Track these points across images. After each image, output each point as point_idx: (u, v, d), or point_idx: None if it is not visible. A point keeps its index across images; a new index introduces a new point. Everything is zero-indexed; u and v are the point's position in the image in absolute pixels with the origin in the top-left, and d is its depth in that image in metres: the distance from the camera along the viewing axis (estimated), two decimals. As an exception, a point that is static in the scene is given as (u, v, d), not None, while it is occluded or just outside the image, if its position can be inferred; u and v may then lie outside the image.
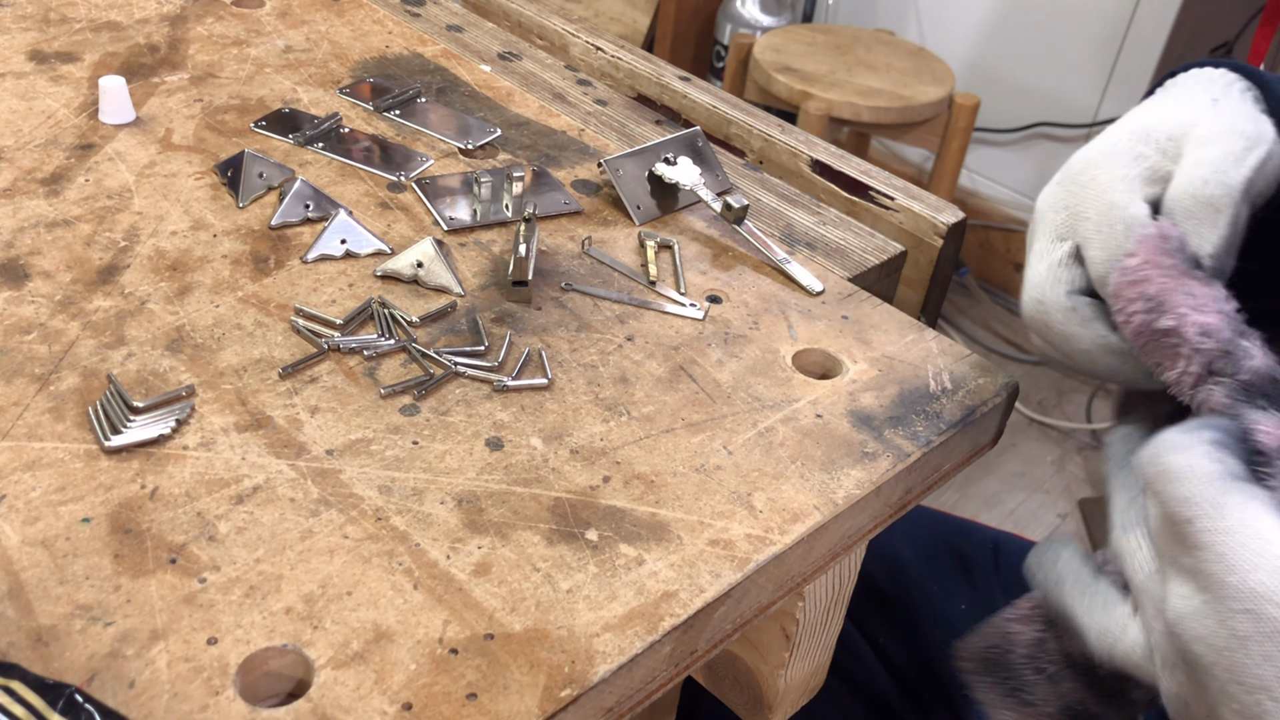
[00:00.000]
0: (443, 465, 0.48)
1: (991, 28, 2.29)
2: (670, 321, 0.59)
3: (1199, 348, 0.42)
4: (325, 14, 0.86)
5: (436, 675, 0.40)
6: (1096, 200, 0.46)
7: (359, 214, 0.64)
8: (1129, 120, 0.48)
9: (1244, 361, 0.42)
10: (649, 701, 0.44)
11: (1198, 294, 0.43)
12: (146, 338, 0.53)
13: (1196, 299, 0.43)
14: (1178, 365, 0.43)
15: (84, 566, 0.42)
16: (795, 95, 1.99)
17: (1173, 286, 0.43)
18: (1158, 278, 0.43)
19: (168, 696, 0.38)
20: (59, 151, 0.66)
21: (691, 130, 0.72)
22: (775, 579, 0.48)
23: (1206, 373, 0.42)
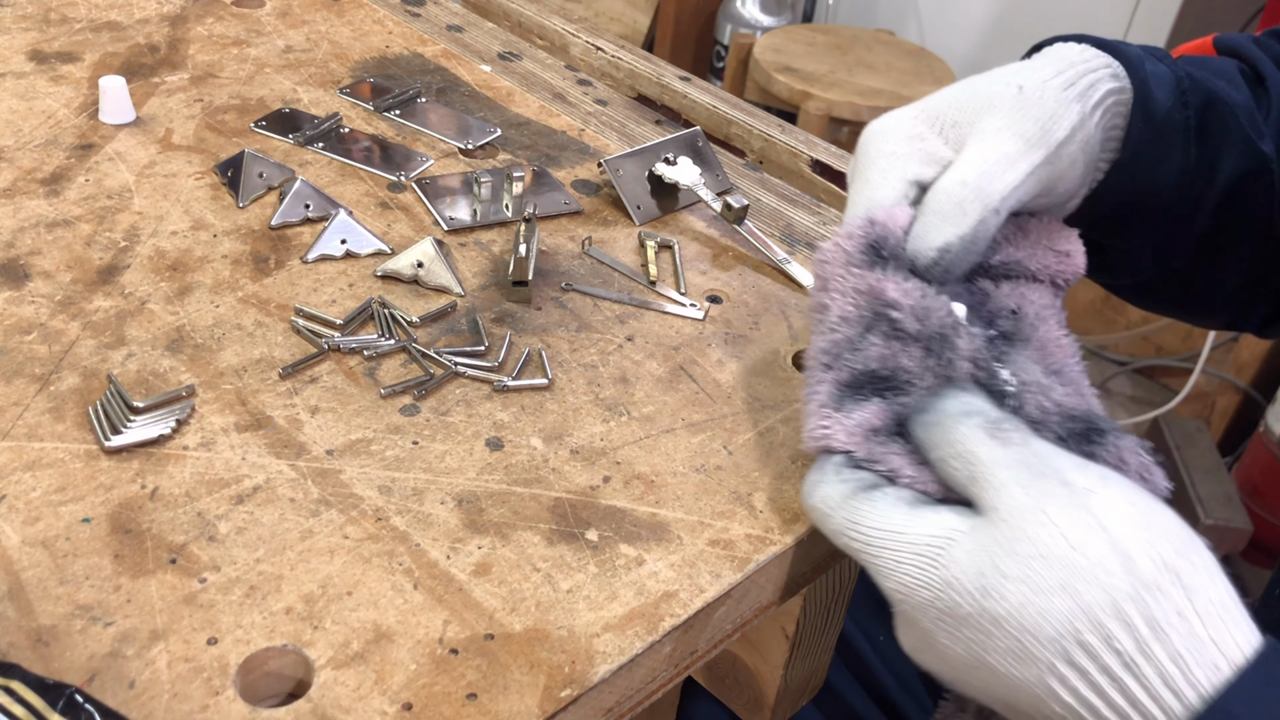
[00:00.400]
0: (443, 465, 0.48)
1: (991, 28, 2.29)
2: (670, 321, 0.59)
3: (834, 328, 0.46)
4: (325, 14, 0.86)
5: (436, 675, 0.40)
6: (860, 173, 0.48)
7: (359, 214, 0.64)
8: (932, 98, 0.49)
9: (855, 354, 0.45)
10: (649, 702, 0.44)
11: (847, 285, 0.45)
12: (146, 338, 0.53)
13: (843, 291, 0.45)
14: (821, 340, 0.46)
15: (84, 566, 0.42)
16: (795, 95, 1.99)
17: (839, 272, 0.46)
18: (834, 261, 0.46)
19: (168, 696, 0.38)
20: (59, 151, 0.66)
21: (691, 130, 0.72)
22: (775, 579, 0.48)
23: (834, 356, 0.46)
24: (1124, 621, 0.36)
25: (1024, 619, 0.37)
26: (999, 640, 0.38)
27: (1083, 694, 0.36)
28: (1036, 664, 0.37)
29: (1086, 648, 0.36)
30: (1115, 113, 0.51)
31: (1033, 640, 0.37)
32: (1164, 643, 0.36)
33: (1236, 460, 1.88)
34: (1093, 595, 0.36)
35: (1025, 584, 0.37)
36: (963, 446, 0.41)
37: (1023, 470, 0.39)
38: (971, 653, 0.39)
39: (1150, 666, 0.36)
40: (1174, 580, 0.36)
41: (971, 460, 0.41)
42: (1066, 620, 0.36)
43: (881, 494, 0.43)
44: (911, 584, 0.40)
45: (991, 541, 0.38)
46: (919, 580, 0.40)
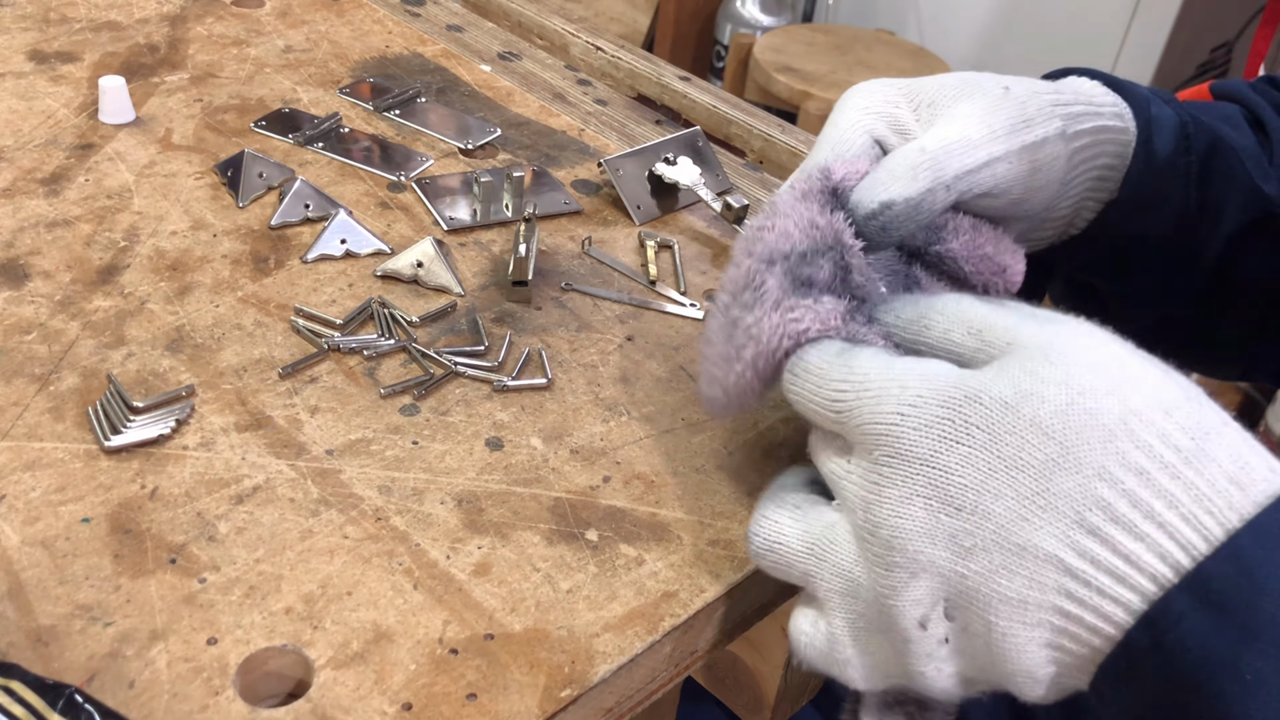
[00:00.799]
0: (443, 465, 0.48)
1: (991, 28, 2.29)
2: (670, 321, 0.59)
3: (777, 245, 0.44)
4: (325, 14, 0.86)
5: (436, 675, 0.40)
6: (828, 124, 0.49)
7: (359, 214, 0.64)
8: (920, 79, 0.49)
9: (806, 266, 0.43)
10: (649, 702, 0.44)
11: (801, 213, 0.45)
12: (146, 338, 0.53)
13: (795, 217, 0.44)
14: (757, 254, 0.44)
15: (84, 566, 0.42)
16: (795, 95, 1.99)
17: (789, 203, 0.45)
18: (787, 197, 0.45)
19: (167, 696, 0.38)
20: (59, 151, 0.66)
21: (691, 130, 0.72)
22: (775, 579, 0.48)
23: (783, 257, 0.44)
24: (1178, 421, 0.34)
25: (1070, 419, 0.34)
26: (1037, 449, 0.34)
27: (1140, 496, 0.33)
28: (1082, 470, 0.34)
29: (1143, 446, 0.33)
30: (1111, 152, 0.51)
31: (1079, 442, 0.34)
32: (1220, 442, 0.34)
33: (1236, 460, 1.88)
34: (1141, 399, 0.34)
35: (1069, 387, 0.34)
36: (956, 310, 0.40)
37: (1030, 318, 0.38)
38: (993, 476, 0.35)
39: (1211, 464, 0.33)
40: (1208, 401, 0.35)
41: (970, 319, 0.39)
42: (1119, 420, 0.34)
43: (872, 348, 0.40)
44: (921, 402, 0.36)
45: (1023, 358, 0.36)
46: (932, 398, 0.36)
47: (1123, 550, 0.33)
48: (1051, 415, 0.34)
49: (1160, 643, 0.32)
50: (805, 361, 0.41)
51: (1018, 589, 0.34)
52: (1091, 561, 0.33)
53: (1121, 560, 0.33)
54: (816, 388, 0.40)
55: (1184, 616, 0.32)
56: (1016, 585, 0.34)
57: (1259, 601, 0.31)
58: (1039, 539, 0.34)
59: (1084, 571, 0.34)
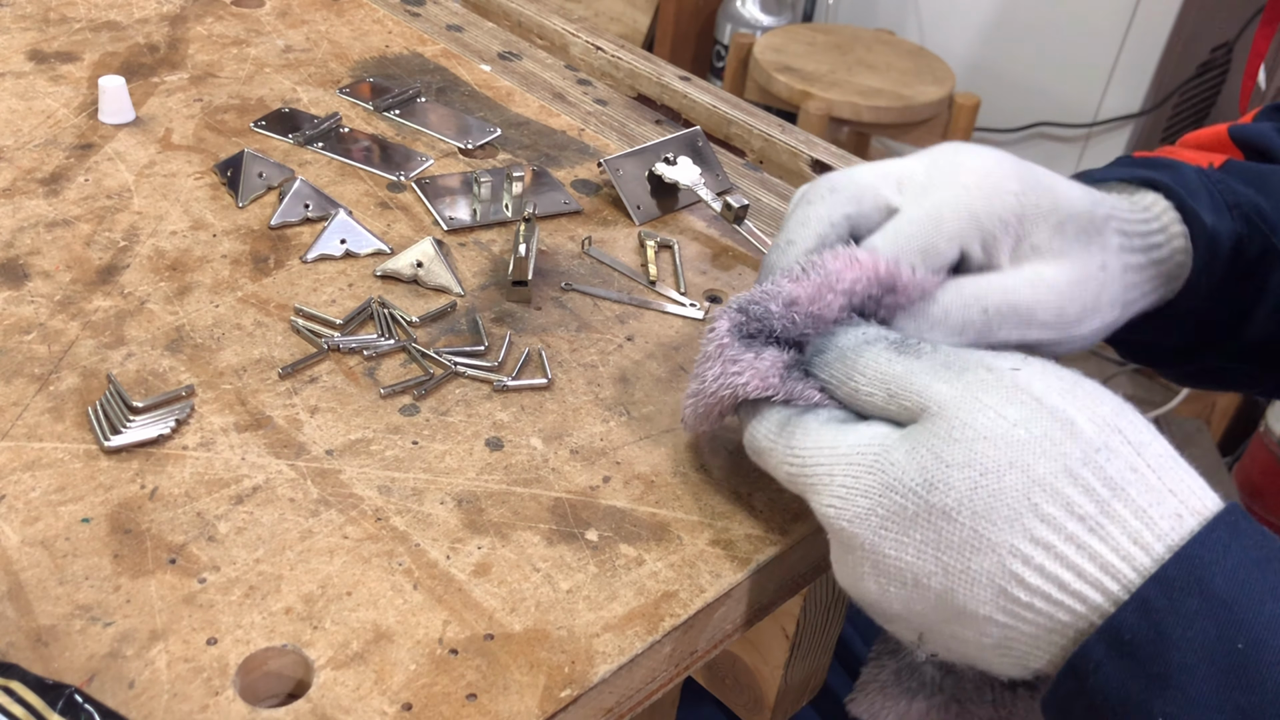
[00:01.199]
0: (443, 465, 0.48)
1: (991, 28, 2.29)
2: (670, 321, 0.59)
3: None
4: (325, 14, 0.86)
5: (436, 675, 0.40)
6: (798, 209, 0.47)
7: (359, 214, 0.64)
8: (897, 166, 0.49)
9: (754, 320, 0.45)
10: (649, 702, 0.44)
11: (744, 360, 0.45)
12: (146, 338, 0.53)
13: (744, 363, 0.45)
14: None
15: (84, 566, 0.42)
16: (795, 95, 1.99)
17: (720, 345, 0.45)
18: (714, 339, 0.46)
19: (167, 697, 0.38)
20: (59, 151, 0.66)
21: (691, 130, 0.72)
22: (775, 579, 0.48)
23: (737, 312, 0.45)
24: (1081, 485, 0.35)
25: (976, 504, 0.36)
26: (951, 534, 0.36)
27: (1049, 569, 0.35)
28: (995, 550, 0.36)
29: (1047, 519, 0.35)
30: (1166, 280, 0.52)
31: (988, 525, 0.36)
32: (1124, 499, 0.35)
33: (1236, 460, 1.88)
34: (1044, 466, 0.36)
35: (971, 468, 0.36)
36: (875, 370, 0.41)
37: (943, 370, 0.39)
38: (920, 558, 0.37)
39: (1115, 525, 0.35)
40: (1121, 438, 0.36)
41: (888, 379, 0.40)
42: (1022, 495, 0.35)
43: (813, 415, 0.42)
44: (848, 494, 0.39)
45: (930, 436, 0.38)
46: (856, 488, 0.39)
47: (1041, 610, 0.36)
48: (957, 503, 0.36)
49: (1083, 688, 0.35)
50: (754, 438, 0.44)
51: (970, 636, 0.38)
52: (1019, 619, 0.36)
53: (1043, 618, 0.36)
54: (773, 466, 0.43)
55: (1100, 665, 0.35)
56: (968, 635, 0.38)
57: (1166, 651, 0.34)
58: (974, 607, 0.37)
59: (1015, 626, 0.37)
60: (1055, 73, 2.21)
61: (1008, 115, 2.28)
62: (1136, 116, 2.13)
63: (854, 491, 0.39)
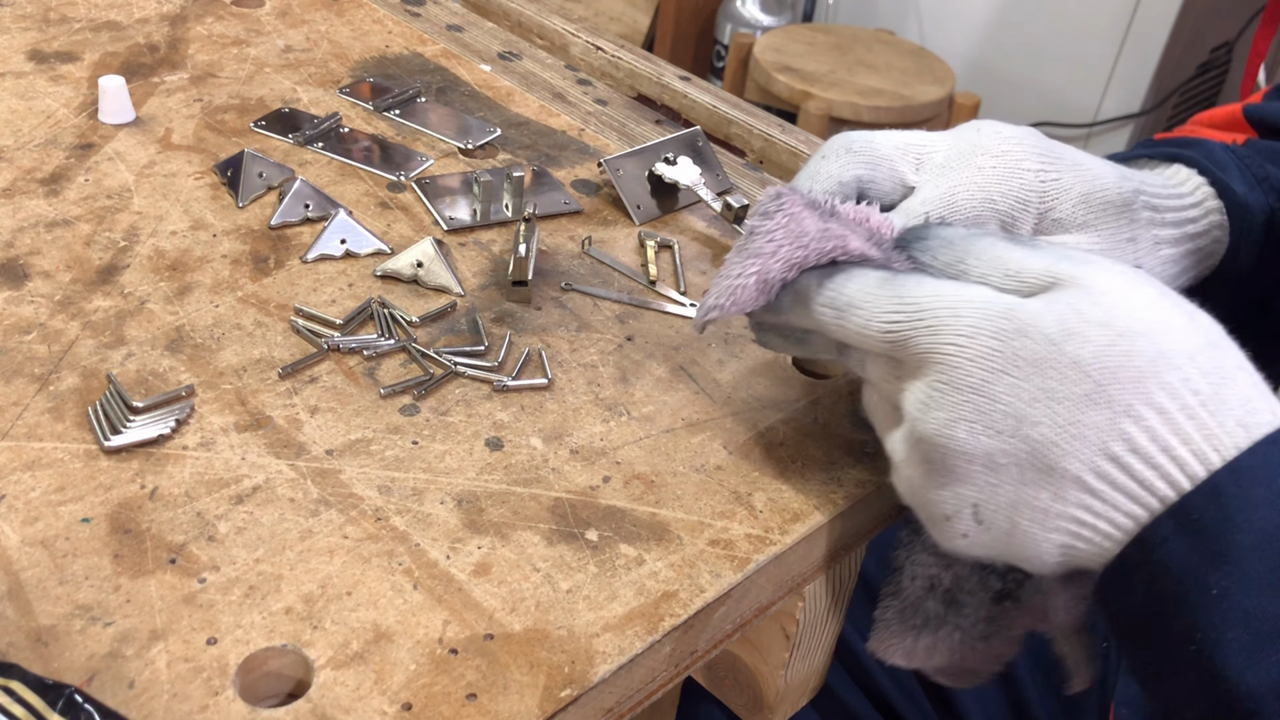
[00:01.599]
0: (443, 465, 0.48)
1: (991, 27, 2.29)
2: (670, 321, 0.59)
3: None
4: (325, 14, 0.86)
5: (436, 675, 0.40)
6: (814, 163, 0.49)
7: (359, 214, 0.64)
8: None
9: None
10: (649, 702, 0.44)
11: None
12: (146, 338, 0.53)
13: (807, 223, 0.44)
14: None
15: (84, 566, 0.42)
16: (795, 95, 1.99)
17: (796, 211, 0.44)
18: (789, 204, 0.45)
19: (167, 696, 0.38)
20: (59, 151, 0.66)
21: (691, 130, 0.72)
22: (775, 579, 0.48)
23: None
24: (1200, 368, 0.38)
25: (1107, 360, 0.37)
26: (1075, 385, 0.38)
27: (1159, 435, 0.37)
28: (1113, 406, 0.37)
29: (1167, 388, 0.37)
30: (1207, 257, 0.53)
31: (1114, 381, 0.37)
32: (1233, 389, 0.38)
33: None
34: (1172, 342, 0.38)
35: (1109, 328, 0.38)
36: (991, 254, 0.41)
37: (1065, 259, 0.40)
38: (1033, 405, 0.38)
39: (1225, 410, 0.37)
40: (1229, 340, 0.39)
41: (1006, 263, 0.41)
42: (1150, 361, 0.37)
43: (920, 274, 0.42)
44: (975, 333, 0.39)
45: (1068, 295, 0.39)
46: (985, 328, 0.39)
47: (1138, 476, 0.37)
48: (1092, 355, 0.38)
49: (1148, 559, 0.37)
50: (847, 294, 0.43)
51: (1043, 501, 0.39)
52: (1110, 483, 0.38)
53: (1136, 484, 0.38)
54: (866, 319, 0.42)
55: (1167, 539, 0.37)
56: (1042, 498, 0.39)
57: (1228, 530, 0.36)
58: (1067, 463, 0.38)
59: (1102, 491, 0.38)
60: (1055, 73, 2.21)
61: (1008, 115, 2.27)
62: (1136, 116, 2.13)
63: (982, 331, 0.39)
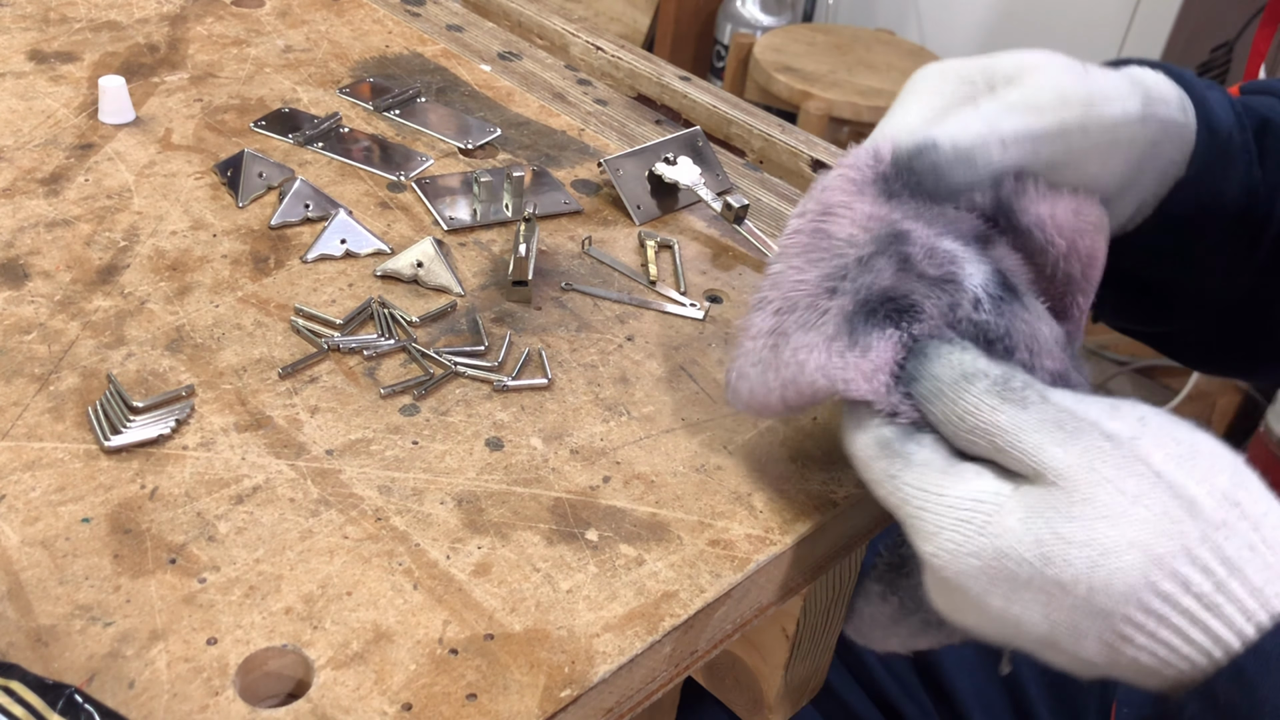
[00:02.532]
0: (443, 465, 0.48)
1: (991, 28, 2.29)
2: (670, 321, 0.59)
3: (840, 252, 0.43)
4: (325, 14, 0.86)
5: (436, 675, 0.40)
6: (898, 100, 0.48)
7: (359, 214, 0.64)
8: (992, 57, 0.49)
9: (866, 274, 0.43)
10: (649, 702, 0.44)
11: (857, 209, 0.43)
12: (146, 338, 0.53)
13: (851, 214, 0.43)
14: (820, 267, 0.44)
15: (84, 566, 0.42)
16: (795, 95, 1.99)
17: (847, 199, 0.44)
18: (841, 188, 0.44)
19: (167, 697, 0.38)
20: (59, 151, 0.66)
21: (691, 130, 0.72)
22: (775, 579, 0.48)
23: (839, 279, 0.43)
24: (1200, 566, 0.36)
25: (1093, 580, 0.36)
26: (1064, 600, 0.37)
27: (1161, 636, 0.36)
28: (1108, 617, 0.37)
29: (1163, 595, 0.36)
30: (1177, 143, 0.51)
31: (1104, 596, 0.36)
32: (1240, 579, 0.36)
33: (1236, 460, 1.88)
34: (1164, 546, 0.36)
35: (1090, 548, 0.36)
36: (977, 418, 0.40)
37: (1055, 430, 0.38)
38: (1027, 611, 0.38)
39: (1230, 604, 0.36)
40: (1239, 514, 0.37)
41: (992, 432, 0.39)
42: (1140, 574, 0.36)
43: (916, 445, 0.41)
44: (956, 550, 0.39)
45: (1046, 508, 0.37)
46: (966, 548, 0.38)
47: (1144, 667, 0.37)
48: (1074, 579, 0.37)
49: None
50: (853, 448, 0.43)
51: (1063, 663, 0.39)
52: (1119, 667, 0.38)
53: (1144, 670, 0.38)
54: (869, 480, 0.43)
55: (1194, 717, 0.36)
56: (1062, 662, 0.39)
57: (1257, 716, 0.35)
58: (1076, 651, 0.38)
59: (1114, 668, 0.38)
60: (1055, 73, 2.20)
61: (1008, 115, 2.27)
62: (1136, 116, 2.13)
63: (963, 550, 0.39)
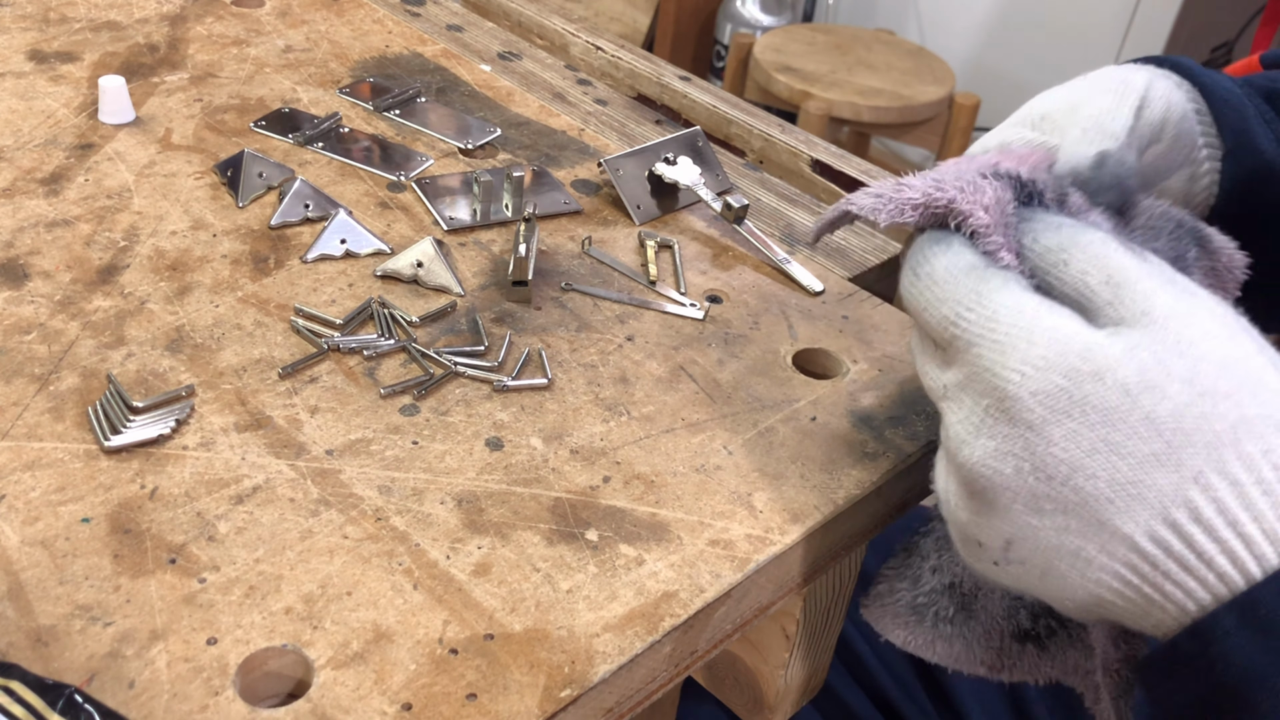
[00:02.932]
0: (443, 465, 0.48)
1: (991, 28, 2.29)
2: (670, 321, 0.59)
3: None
4: (325, 14, 0.86)
5: (436, 675, 0.40)
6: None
7: (359, 214, 0.64)
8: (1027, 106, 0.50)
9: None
10: (649, 702, 0.44)
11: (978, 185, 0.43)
12: (146, 338, 0.53)
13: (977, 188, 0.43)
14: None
15: (84, 566, 0.42)
16: (795, 95, 1.99)
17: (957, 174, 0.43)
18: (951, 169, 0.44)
19: (167, 697, 0.38)
20: (59, 151, 0.66)
21: (691, 130, 0.72)
22: (775, 579, 0.48)
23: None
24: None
25: (1184, 421, 0.35)
26: (1144, 442, 0.35)
27: (1227, 503, 0.35)
28: (1180, 469, 0.35)
29: (1245, 458, 0.34)
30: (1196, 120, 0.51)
31: (1187, 443, 0.35)
32: None
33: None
34: (1257, 408, 0.35)
35: (1192, 386, 0.35)
36: (1096, 252, 0.39)
37: (1169, 284, 0.38)
38: (1092, 456, 0.36)
39: None
40: None
41: (1110, 267, 0.38)
42: (1230, 427, 0.35)
43: (1014, 276, 0.39)
44: (1044, 365, 0.36)
45: (1153, 342, 0.36)
46: (1055, 365, 0.36)
47: (1198, 548, 0.35)
48: (1168, 413, 0.35)
49: (1205, 652, 0.35)
50: (931, 266, 0.41)
51: (1087, 552, 0.36)
52: (1165, 550, 0.35)
53: (1194, 555, 0.35)
54: (937, 300, 0.40)
55: (1230, 633, 0.34)
56: (1086, 549, 0.36)
57: None
58: (1120, 521, 0.35)
59: (1155, 556, 0.35)
60: (1055, 73, 2.20)
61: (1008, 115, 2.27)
62: (1136, 116, 2.13)
63: (1053, 367, 0.36)
